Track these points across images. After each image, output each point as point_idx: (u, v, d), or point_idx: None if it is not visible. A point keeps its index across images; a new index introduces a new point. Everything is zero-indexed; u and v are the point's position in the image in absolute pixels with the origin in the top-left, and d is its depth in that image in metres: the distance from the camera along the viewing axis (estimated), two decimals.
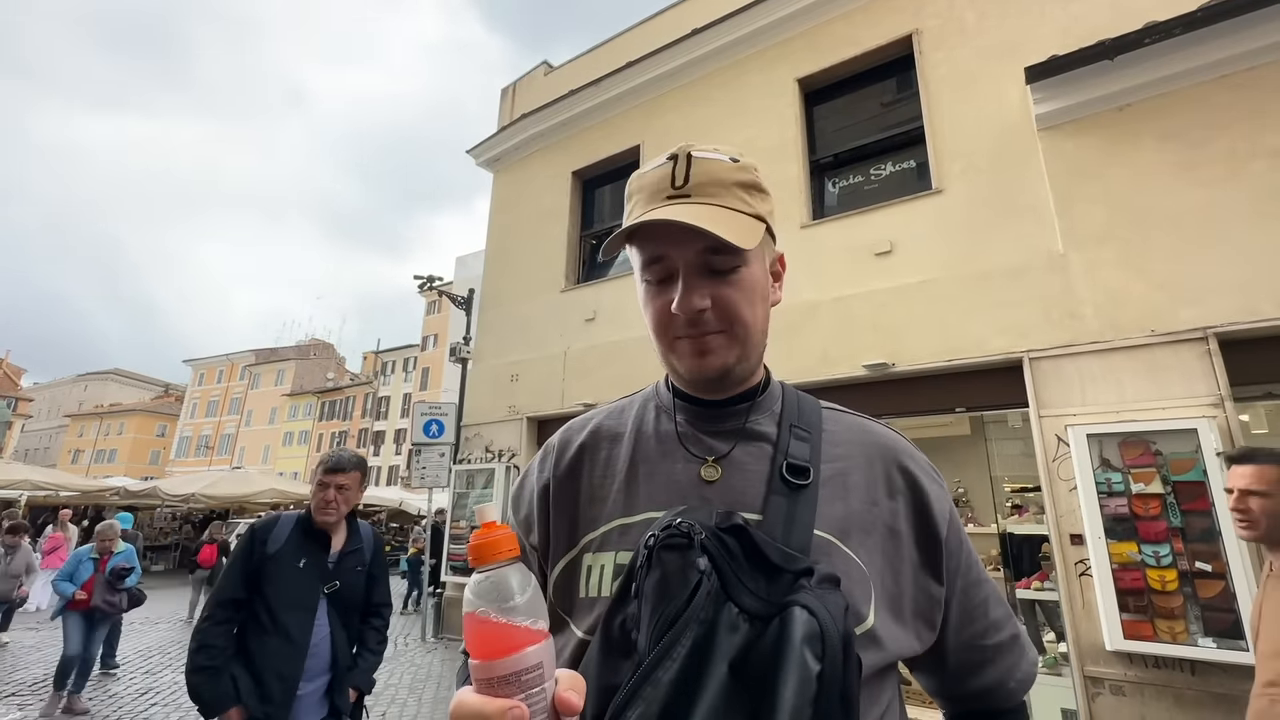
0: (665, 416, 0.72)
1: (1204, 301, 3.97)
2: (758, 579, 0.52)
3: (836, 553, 0.58)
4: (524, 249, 8.53)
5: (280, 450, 46.73)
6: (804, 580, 0.51)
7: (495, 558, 0.44)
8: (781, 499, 0.60)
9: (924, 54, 5.67)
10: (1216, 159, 4.06)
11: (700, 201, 0.62)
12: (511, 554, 0.44)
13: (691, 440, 0.68)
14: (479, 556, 0.44)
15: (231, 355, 53.45)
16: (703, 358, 0.65)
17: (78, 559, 5.22)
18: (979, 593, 0.66)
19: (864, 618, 0.56)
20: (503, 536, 0.44)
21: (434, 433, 7.88)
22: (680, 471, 0.66)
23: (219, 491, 14.74)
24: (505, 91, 9.78)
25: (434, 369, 37.09)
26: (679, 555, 0.53)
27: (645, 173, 0.67)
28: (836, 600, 0.49)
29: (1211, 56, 4.11)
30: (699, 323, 0.63)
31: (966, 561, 0.65)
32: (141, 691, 5.61)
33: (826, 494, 0.62)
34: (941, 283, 5.06)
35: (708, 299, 0.62)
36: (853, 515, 0.61)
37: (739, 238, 0.58)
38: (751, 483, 0.63)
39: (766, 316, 0.68)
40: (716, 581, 0.51)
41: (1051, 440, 4.31)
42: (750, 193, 0.65)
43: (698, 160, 0.63)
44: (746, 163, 0.66)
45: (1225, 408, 3.80)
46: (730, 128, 6.75)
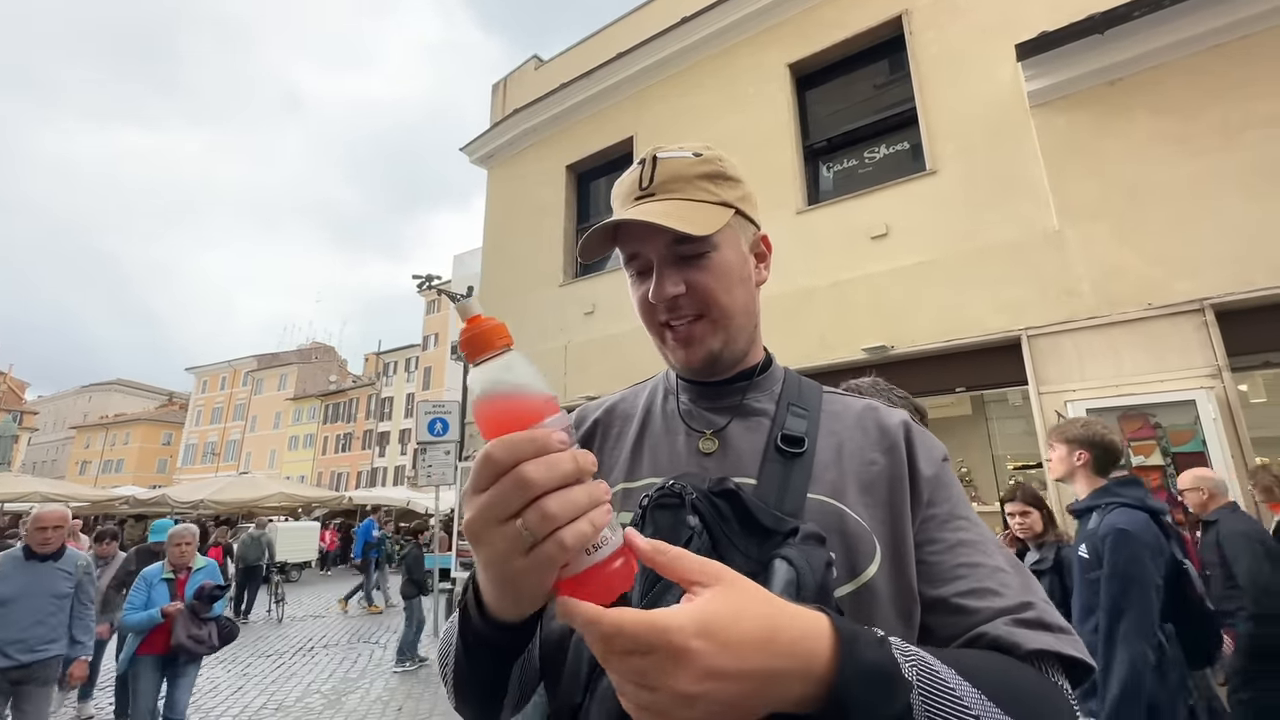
0: (671, 397, 0.76)
1: (1199, 274, 3.98)
2: (749, 540, 0.54)
3: (831, 511, 0.60)
4: (521, 245, 8.54)
5: (286, 454, 46.90)
6: (790, 539, 0.53)
7: (491, 347, 0.43)
8: (776, 466, 0.63)
9: (914, 34, 5.64)
10: (1209, 130, 4.06)
11: (664, 198, 0.66)
12: (506, 343, 0.44)
13: (692, 416, 0.72)
14: (475, 347, 0.43)
15: (234, 361, 53.55)
16: (688, 348, 0.69)
17: (147, 582, 3.71)
18: (952, 525, 0.62)
19: (862, 570, 0.57)
20: (495, 326, 0.44)
21: (439, 431, 7.92)
22: (681, 444, 0.70)
23: (227, 497, 14.83)
24: (496, 87, 9.75)
25: (436, 368, 37.14)
26: (671, 514, 0.55)
27: (623, 179, 0.73)
28: (819, 555, 0.51)
29: (1202, 27, 4.09)
30: (676, 308, 0.67)
31: (944, 496, 0.63)
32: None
33: (823, 460, 0.64)
34: (938, 264, 5.07)
35: (681, 285, 0.66)
36: (849, 475, 0.63)
37: (696, 226, 0.62)
38: (747, 453, 0.66)
39: (749, 297, 0.72)
40: (707, 540, 0.53)
41: (1052, 417, 4.33)
42: (714, 182, 0.68)
43: (662, 161, 0.68)
44: (710, 155, 0.70)
45: (1223, 378, 3.82)
46: (722, 115, 6.73)
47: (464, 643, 0.54)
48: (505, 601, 0.45)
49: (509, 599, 0.45)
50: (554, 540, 0.38)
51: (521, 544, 0.39)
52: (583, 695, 0.54)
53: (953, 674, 0.44)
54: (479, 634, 0.51)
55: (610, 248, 0.70)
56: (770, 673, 0.39)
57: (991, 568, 0.58)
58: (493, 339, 0.43)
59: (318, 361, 52.20)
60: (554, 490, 0.38)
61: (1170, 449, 3.91)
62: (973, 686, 0.44)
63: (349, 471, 42.86)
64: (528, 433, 0.40)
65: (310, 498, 17.72)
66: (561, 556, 0.39)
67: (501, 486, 0.39)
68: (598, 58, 7.99)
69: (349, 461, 43.39)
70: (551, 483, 0.38)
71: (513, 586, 0.43)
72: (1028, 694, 0.47)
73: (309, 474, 44.07)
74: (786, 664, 0.39)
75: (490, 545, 0.40)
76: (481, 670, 0.54)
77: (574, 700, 0.55)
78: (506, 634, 0.50)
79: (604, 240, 0.69)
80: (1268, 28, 3.98)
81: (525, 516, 0.38)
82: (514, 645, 0.52)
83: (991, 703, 0.44)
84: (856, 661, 0.40)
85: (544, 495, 0.38)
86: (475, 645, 0.52)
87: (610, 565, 0.41)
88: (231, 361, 53.77)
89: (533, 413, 0.41)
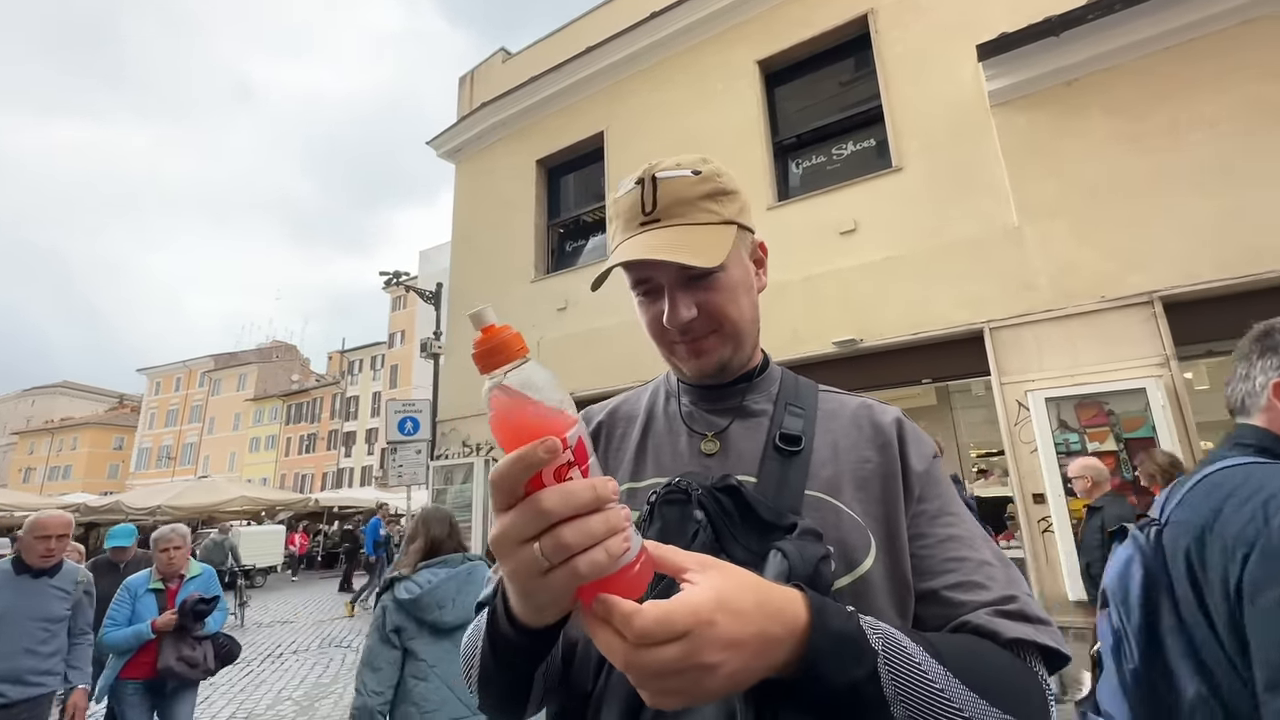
0: (673, 399, 0.79)
1: (1149, 267, 4.17)
2: (749, 534, 0.56)
3: (828, 508, 0.63)
4: (491, 240, 8.44)
5: (247, 457, 45.48)
6: (789, 534, 0.55)
7: (509, 358, 0.42)
8: (774, 464, 0.65)
9: (879, 33, 5.75)
10: (1159, 130, 4.25)
11: (670, 224, 0.67)
12: (523, 352, 0.43)
13: (694, 419, 0.74)
14: (492, 358, 0.42)
15: (189, 362, 51.61)
16: (699, 358, 0.71)
17: (131, 593, 3.14)
18: (942, 521, 0.65)
19: (858, 563, 0.60)
20: (512, 336, 0.43)
21: (409, 430, 7.80)
22: (684, 445, 0.72)
23: (186, 502, 14.31)
24: (463, 80, 9.58)
25: (403, 366, 36.45)
26: (678, 509, 0.58)
27: (619, 197, 0.73)
28: (814, 549, 0.54)
29: (1150, 30, 4.28)
30: (689, 329, 0.69)
31: (934, 492, 0.67)
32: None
33: (819, 458, 0.67)
34: (905, 259, 5.20)
35: (693, 308, 0.68)
36: (844, 473, 0.66)
37: (707, 256, 0.64)
38: (747, 453, 0.68)
39: (754, 306, 0.74)
40: (710, 534, 0.56)
41: (1013, 406, 4.50)
42: (716, 200, 0.69)
43: (662, 182, 0.68)
44: (709, 171, 0.70)
45: (1170, 367, 4.02)
46: (693, 111, 6.76)
47: (491, 646, 0.55)
48: (528, 611, 0.47)
49: (532, 609, 0.46)
50: (568, 568, 0.39)
51: (538, 567, 0.40)
52: (594, 683, 0.57)
53: (919, 650, 0.48)
54: (506, 638, 0.52)
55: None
56: (767, 638, 0.43)
57: (978, 562, 0.62)
58: (510, 349, 0.43)
59: (279, 361, 50.69)
60: (570, 520, 0.39)
61: (1123, 435, 4.11)
62: (939, 663, 0.48)
63: (314, 473, 41.81)
64: (538, 449, 0.39)
65: (274, 500, 17.25)
66: (575, 583, 0.40)
67: (520, 512, 0.40)
68: (567, 51, 7.92)
69: (314, 463, 42.32)
70: (567, 512, 0.39)
71: (534, 600, 0.44)
72: (995, 673, 0.52)
73: (271, 476, 42.84)
74: (778, 629, 0.43)
75: (511, 563, 0.42)
76: (507, 672, 0.56)
77: (586, 688, 0.58)
78: (532, 639, 0.51)
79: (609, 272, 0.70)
80: (1209, 32, 4.18)
81: (541, 543, 0.39)
82: (538, 650, 0.54)
83: (958, 679, 0.48)
84: (826, 628, 0.45)
85: (560, 524, 0.39)
86: (503, 648, 0.54)
87: (630, 571, 0.42)
88: (187, 362, 51.82)
89: (552, 425, 0.41)
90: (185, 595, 3.16)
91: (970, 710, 0.48)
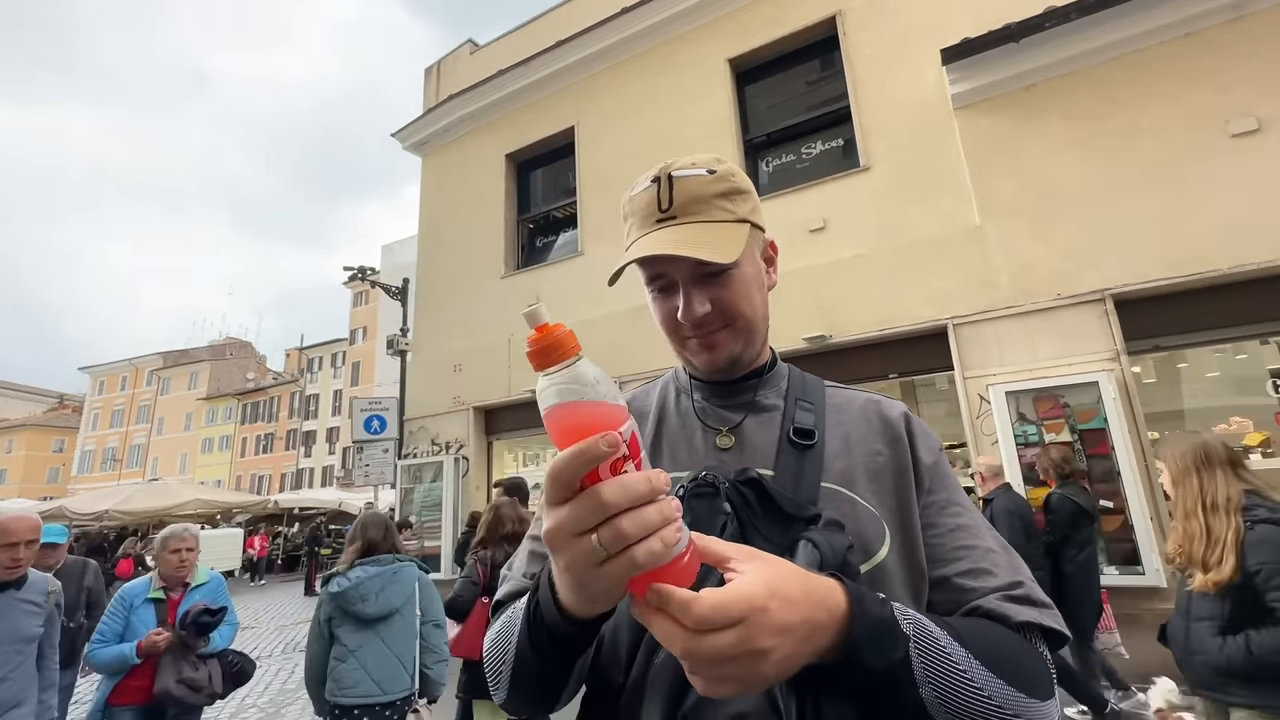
0: (684, 396, 0.80)
1: (1102, 266, 4.37)
2: (771, 525, 0.58)
3: (843, 499, 0.65)
4: (459, 235, 8.30)
5: (199, 458, 43.72)
6: (812, 525, 0.57)
7: (564, 356, 0.43)
8: (790, 458, 0.67)
9: (848, 35, 5.86)
10: (1112, 135, 4.45)
11: (686, 221, 0.68)
12: (576, 350, 0.44)
13: (707, 414, 0.76)
14: (546, 356, 0.43)
15: (135, 360, 49.26)
16: (712, 352, 0.73)
17: (126, 604, 2.66)
18: (950, 511, 0.68)
19: (874, 552, 0.62)
20: (566, 334, 0.44)
21: (376, 429, 7.64)
22: (699, 440, 0.74)
23: (135, 506, 13.70)
24: (429, 71, 9.39)
25: (365, 363, 35.56)
26: (706, 502, 0.60)
27: (635, 195, 0.73)
28: (841, 539, 0.56)
29: (1105, 39, 4.47)
30: (703, 324, 0.71)
31: (942, 484, 0.70)
32: None
33: (832, 451, 0.69)
34: (872, 257, 5.32)
35: (707, 304, 0.69)
36: (857, 466, 0.68)
37: (723, 253, 0.65)
38: (762, 447, 0.70)
39: (765, 302, 0.76)
40: (736, 526, 0.58)
41: (975, 399, 4.66)
42: (731, 199, 0.71)
43: (679, 180, 0.69)
44: (723, 170, 0.71)
45: (1121, 361, 4.23)
46: (664, 108, 6.77)
47: (531, 640, 0.56)
48: (581, 601, 0.47)
49: (584, 600, 0.47)
50: (625, 557, 0.40)
51: (595, 557, 0.41)
52: (625, 675, 0.58)
53: (945, 635, 0.52)
54: (553, 629, 0.53)
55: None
56: (814, 624, 0.45)
57: (985, 549, 0.66)
58: (565, 347, 0.43)
59: (233, 358, 48.84)
60: (628, 510, 0.40)
61: (1077, 426, 4.30)
62: (962, 646, 0.52)
63: (272, 474, 40.47)
64: (599, 443, 0.40)
65: (231, 503, 16.67)
66: (632, 572, 0.41)
67: (578, 505, 0.41)
68: (536, 45, 7.84)
69: (271, 463, 40.96)
70: (625, 503, 0.40)
71: (588, 590, 0.45)
72: (1009, 655, 0.55)
73: (226, 478, 41.31)
74: (823, 616, 0.46)
75: (567, 555, 0.43)
76: (548, 664, 0.57)
77: (618, 680, 0.59)
78: (581, 630, 0.52)
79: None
80: (1157, 44, 4.39)
81: (600, 534, 0.40)
82: (585, 640, 0.55)
83: (978, 660, 0.51)
84: (866, 614, 0.48)
85: (618, 515, 0.40)
86: (546, 641, 0.54)
87: (681, 561, 0.43)
88: (133, 360, 49.46)
89: (605, 421, 0.41)
90: (188, 606, 2.71)
91: (990, 689, 0.51)
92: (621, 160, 6.88)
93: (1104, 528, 4.05)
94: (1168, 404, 4.79)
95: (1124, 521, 4.01)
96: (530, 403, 7.10)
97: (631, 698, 0.56)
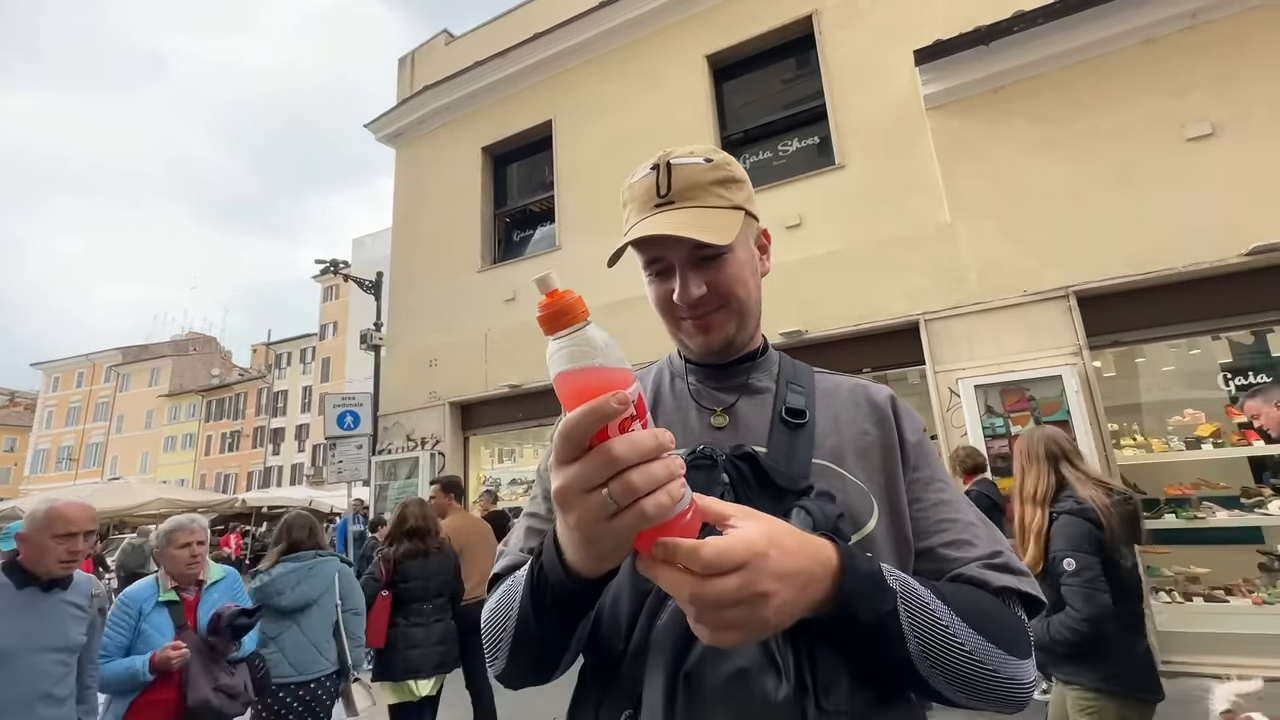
0: (679, 380, 0.82)
1: (1066, 264, 4.53)
2: (765, 498, 0.61)
3: (834, 475, 0.68)
4: (435, 229, 8.20)
5: (161, 457, 42.37)
6: (805, 497, 0.61)
7: (574, 320, 0.44)
8: (782, 436, 0.71)
9: (824, 34, 5.94)
10: (1076, 137, 4.60)
11: (683, 206, 0.71)
12: (585, 315, 0.45)
13: (702, 396, 0.79)
14: (556, 321, 0.45)
15: (93, 355, 47.47)
16: (707, 334, 0.75)
17: (132, 611, 2.31)
18: (933, 487, 0.72)
19: (863, 524, 0.66)
20: (575, 300, 0.45)
21: (349, 425, 7.49)
22: (694, 420, 0.76)
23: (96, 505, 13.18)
24: (403, 62, 9.24)
25: (336, 358, 34.84)
26: (704, 474, 0.62)
27: (634, 182, 0.76)
28: (831, 508, 0.60)
29: (1070, 44, 4.62)
30: (699, 305, 0.73)
31: (926, 462, 0.74)
32: None
33: (822, 430, 0.72)
34: (846, 253, 5.42)
35: (703, 286, 0.72)
36: (846, 444, 0.72)
37: (718, 235, 0.68)
38: (756, 426, 0.73)
39: (758, 288, 0.79)
40: (732, 497, 0.60)
41: (945, 393, 4.79)
42: (726, 187, 0.74)
43: (677, 168, 0.72)
44: (719, 160, 0.75)
45: (1083, 355, 4.39)
46: (642, 103, 6.78)
47: (535, 603, 0.58)
48: (589, 558, 0.49)
49: (592, 556, 0.49)
50: (635, 510, 0.42)
51: (606, 511, 0.43)
52: (626, 642, 0.60)
53: (929, 593, 0.56)
54: (558, 589, 0.55)
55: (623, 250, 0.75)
56: (809, 575, 0.49)
57: (966, 523, 0.70)
58: (574, 312, 0.45)
59: (196, 354, 47.42)
60: (637, 465, 0.42)
61: (1041, 418, 4.45)
62: (945, 605, 0.56)
63: (238, 472, 39.43)
64: (610, 400, 0.42)
65: (196, 502, 16.15)
66: (642, 525, 0.43)
67: (589, 461, 0.42)
68: (513, 37, 7.77)
69: (238, 461, 39.91)
70: (634, 459, 0.42)
71: (596, 546, 0.47)
72: (988, 614, 0.59)
73: (190, 477, 40.12)
74: (817, 569, 0.49)
75: (578, 511, 0.44)
76: (550, 627, 0.59)
77: (618, 647, 0.61)
78: (586, 588, 0.54)
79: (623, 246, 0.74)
80: (1118, 49, 4.55)
81: (610, 488, 0.42)
82: (589, 600, 0.57)
83: (960, 618, 0.56)
84: (856, 569, 0.52)
85: (628, 469, 0.42)
86: (551, 602, 0.56)
87: (684, 518, 0.45)
88: (90, 355, 47.66)
89: (614, 384, 0.43)
90: (208, 606, 2.42)
91: (971, 645, 0.55)
92: (600, 155, 6.87)
93: None
94: (1126, 397, 4.98)
95: None
96: (507, 398, 7.08)
97: (634, 660, 0.58)
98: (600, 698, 0.61)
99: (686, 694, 0.52)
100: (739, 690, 0.51)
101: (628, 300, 6.15)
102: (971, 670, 0.55)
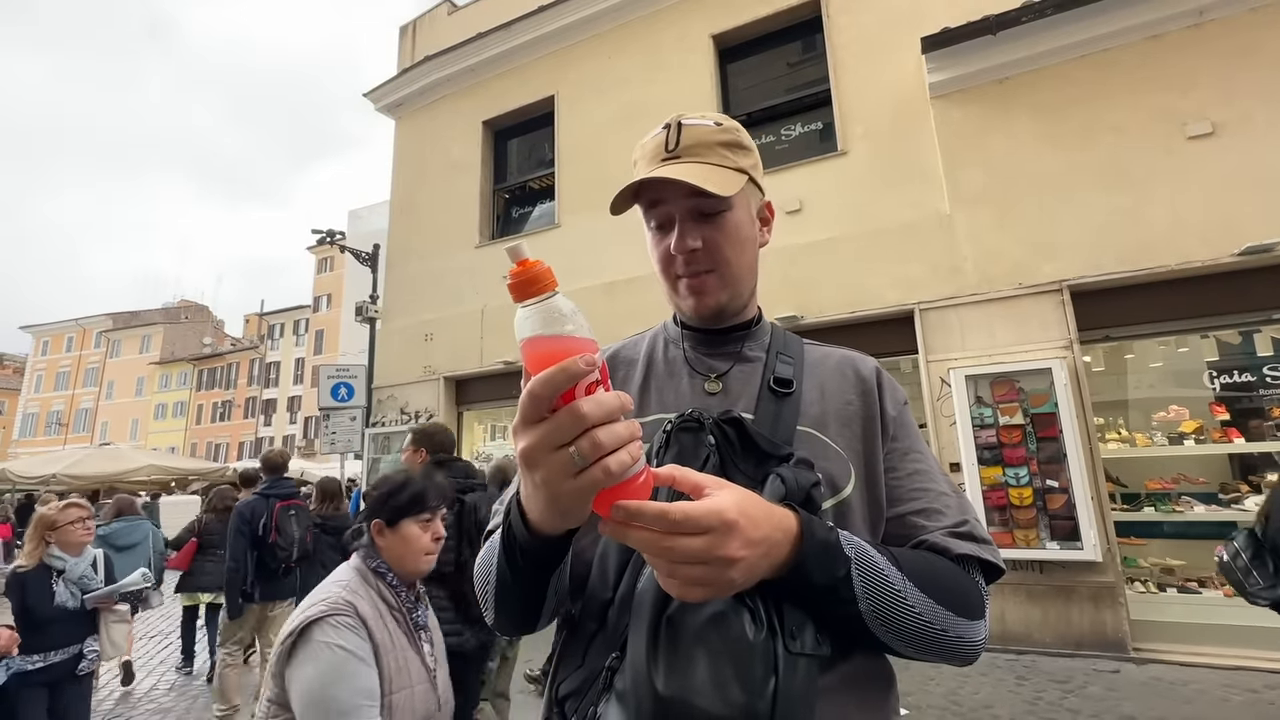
0: (673, 346, 0.85)
1: (1060, 258, 4.56)
2: (748, 461, 0.64)
3: (816, 441, 0.72)
4: (433, 202, 8.14)
5: (152, 424, 42.24)
6: (784, 463, 0.64)
7: (543, 290, 0.46)
8: (769, 404, 0.74)
9: (830, 18, 5.89)
10: (1075, 132, 4.61)
11: (688, 161, 0.74)
12: (553, 286, 0.47)
13: (696, 362, 0.82)
14: (525, 289, 0.46)
15: (83, 320, 47.02)
16: (699, 297, 0.78)
17: None
18: (910, 458, 0.76)
19: (841, 489, 0.70)
20: (544, 270, 0.47)
21: (343, 396, 7.52)
22: (686, 385, 0.79)
23: (85, 470, 13.21)
24: (404, 30, 9.09)
25: (329, 331, 34.67)
26: (693, 436, 0.66)
27: (646, 141, 0.79)
28: (808, 476, 0.63)
29: (1076, 36, 4.60)
30: (692, 261, 0.76)
31: (904, 433, 0.78)
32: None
33: (808, 399, 0.76)
34: (845, 240, 5.43)
35: (699, 240, 0.75)
36: (830, 412, 0.75)
37: (718, 186, 0.70)
38: (745, 394, 0.76)
39: (754, 256, 0.82)
40: (717, 459, 0.64)
41: (936, 382, 4.84)
42: (732, 150, 0.77)
43: (687, 127, 0.75)
44: (729, 125, 0.78)
45: (1073, 349, 4.44)
46: (646, 82, 6.72)
47: (508, 560, 0.62)
48: (552, 518, 0.52)
49: (556, 515, 0.52)
50: (600, 466, 0.44)
51: (572, 468, 0.45)
52: (613, 591, 0.64)
53: (884, 559, 0.61)
54: (525, 549, 0.58)
55: (632, 203, 0.77)
56: (772, 542, 0.53)
57: (938, 492, 0.74)
58: (543, 281, 0.46)
59: (188, 322, 47.06)
60: (602, 424, 0.44)
61: (1030, 410, 4.52)
62: (898, 570, 0.60)
63: (229, 442, 39.40)
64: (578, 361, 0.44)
65: (187, 470, 16.20)
66: (606, 481, 0.45)
67: (558, 419, 0.44)
68: (517, 8, 7.65)
69: (229, 431, 39.85)
70: (600, 418, 0.44)
71: (560, 504, 0.50)
72: (942, 579, 0.64)
73: (181, 445, 40.04)
74: (779, 536, 0.54)
75: (544, 469, 0.47)
76: (524, 583, 0.62)
77: (605, 597, 0.65)
78: (549, 547, 0.58)
79: (629, 196, 0.76)
80: (1123, 44, 4.54)
81: (578, 444, 0.44)
82: (554, 557, 0.61)
83: (912, 582, 0.60)
84: (813, 537, 0.56)
85: (594, 428, 0.44)
86: (521, 560, 0.60)
87: (637, 481, 0.48)
88: (80, 320, 47.21)
89: (582, 347, 0.45)
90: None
91: (920, 607, 0.60)
92: (602, 133, 6.82)
93: (1049, 506, 4.31)
94: (1114, 392, 5.06)
95: (1067, 500, 4.25)
96: (503, 374, 7.10)
97: (621, 607, 0.62)
98: (588, 643, 0.65)
99: (669, 636, 0.55)
100: (717, 631, 0.54)
101: (625, 281, 6.15)
102: (920, 628, 0.60)
